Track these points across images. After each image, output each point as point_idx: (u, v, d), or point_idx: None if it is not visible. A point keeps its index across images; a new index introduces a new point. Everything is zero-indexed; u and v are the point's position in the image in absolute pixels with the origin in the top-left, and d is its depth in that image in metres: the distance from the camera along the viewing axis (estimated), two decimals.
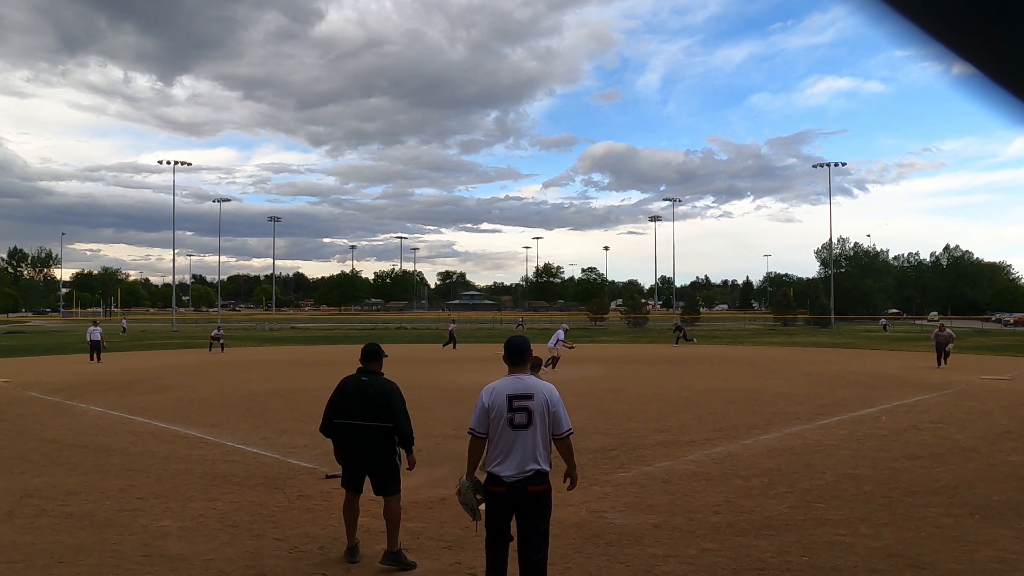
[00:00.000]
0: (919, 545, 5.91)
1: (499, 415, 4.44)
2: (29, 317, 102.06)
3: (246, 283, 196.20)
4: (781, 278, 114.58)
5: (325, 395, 6.15)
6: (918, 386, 17.59)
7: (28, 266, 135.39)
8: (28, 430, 11.83)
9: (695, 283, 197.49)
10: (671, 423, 12.16)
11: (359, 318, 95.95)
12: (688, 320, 72.70)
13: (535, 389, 4.51)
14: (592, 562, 5.57)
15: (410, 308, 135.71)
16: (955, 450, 9.86)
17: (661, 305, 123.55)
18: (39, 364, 26.17)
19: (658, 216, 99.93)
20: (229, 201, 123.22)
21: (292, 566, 5.53)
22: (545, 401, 4.50)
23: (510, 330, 60.40)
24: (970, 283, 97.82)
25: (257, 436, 11.16)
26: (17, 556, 5.72)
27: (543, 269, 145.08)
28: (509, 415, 4.42)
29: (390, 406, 5.66)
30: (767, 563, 5.52)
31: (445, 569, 5.45)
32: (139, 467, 8.92)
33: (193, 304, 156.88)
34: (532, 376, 4.71)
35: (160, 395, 16.35)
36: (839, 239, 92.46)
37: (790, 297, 77.81)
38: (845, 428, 11.62)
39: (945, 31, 0.82)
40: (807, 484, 7.96)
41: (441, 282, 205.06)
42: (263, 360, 27.64)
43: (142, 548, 5.91)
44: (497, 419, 4.45)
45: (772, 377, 20.30)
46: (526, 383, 4.53)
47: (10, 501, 7.36)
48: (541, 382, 4.66)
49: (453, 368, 23.64)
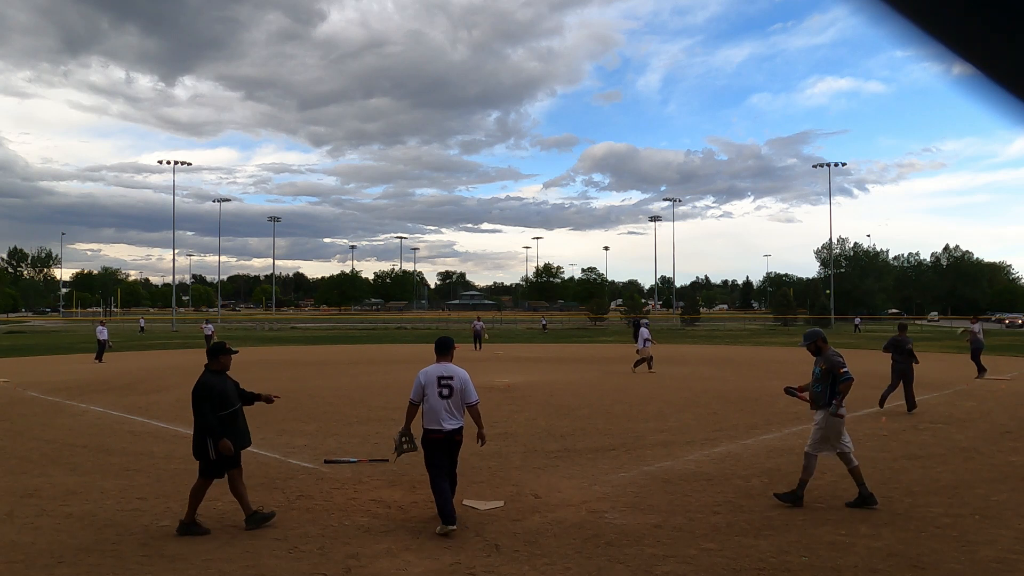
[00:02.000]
0: (919, 545, 5.91)
1: (432, 389, 6.37)
2: (29, 317, 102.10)
3: (246, 283, 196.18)
4: (781, 278, 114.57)
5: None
6: (918, 386, 17.56)
7: (28, 266, 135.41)
8: (28, 430, 11.82)
9: (695, 283, 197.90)
10: (671, 423, 12.16)
11: (359, 318, 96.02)
12: (688, 320, 72.68)
13: (455, 372, 6.51)
14: (592, 562, 5.57)
15: (410, 308, 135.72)
16: (955, 450, 9.86)
17: (661, 305, 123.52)
18: (39, 364, 26.16)
19: (658, 216, 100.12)
20: (229, 201, 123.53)
21: (292, 566, 5.52)
22: (461, 380, 6.48)
23: (510, 330, 60.42)
24: (970, 283, 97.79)
25: (257, 436, 11.09)
26: (17, 556, 5.72)
27: (543, 269, 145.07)
28: (438, 389, 6.37)
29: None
30: (767, 563, 5.52)
31: (445, 569, 5.45)
32: (139, 467, 8.92)
33: (193, 304, 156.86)
34: (452, 364, 6.62)
35: (160, 395, 16.35)
36: (839, 239, 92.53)
37: (790, 297, 77.81)
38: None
39: (945, 31, 0.82)
40: (807, 484, 7.94)
41: (441, 282, 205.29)
42: (263, 360, 27.63)
43: (142, 548, 5.91)
44: (431, 392, 6.37)
45: (772, 377, 20.30)
46: (449, 368, 6.52)
47: (10, 501, 7.36)
48: (458, 368, 6.59)
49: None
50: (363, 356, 29.99)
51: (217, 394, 6.43)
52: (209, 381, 6.50)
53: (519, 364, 24.81)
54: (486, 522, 6.62)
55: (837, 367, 7.34)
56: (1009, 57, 0.82)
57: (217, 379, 6.58)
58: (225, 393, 6.51)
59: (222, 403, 6.43)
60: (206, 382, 6.48)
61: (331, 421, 12.49)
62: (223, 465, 6.37)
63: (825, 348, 7.67)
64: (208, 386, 6.43)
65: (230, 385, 6.69)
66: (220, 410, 6.39)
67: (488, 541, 6.07)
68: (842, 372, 7.29)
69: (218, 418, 6.35)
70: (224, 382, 6.62)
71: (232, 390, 6.67)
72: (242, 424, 6.64)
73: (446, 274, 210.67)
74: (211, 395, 6.39)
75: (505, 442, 10.59)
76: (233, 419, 6.50)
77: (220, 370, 6.68)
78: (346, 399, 15.08)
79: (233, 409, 6.53)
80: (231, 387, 6.69)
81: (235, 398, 6.63)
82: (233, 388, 6.72)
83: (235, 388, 6.76)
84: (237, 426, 6.54)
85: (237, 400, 6.66)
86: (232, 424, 6.46)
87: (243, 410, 6.71)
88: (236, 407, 6.59)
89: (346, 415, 13.17)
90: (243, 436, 6.64)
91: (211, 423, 6.29)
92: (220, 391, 6.47)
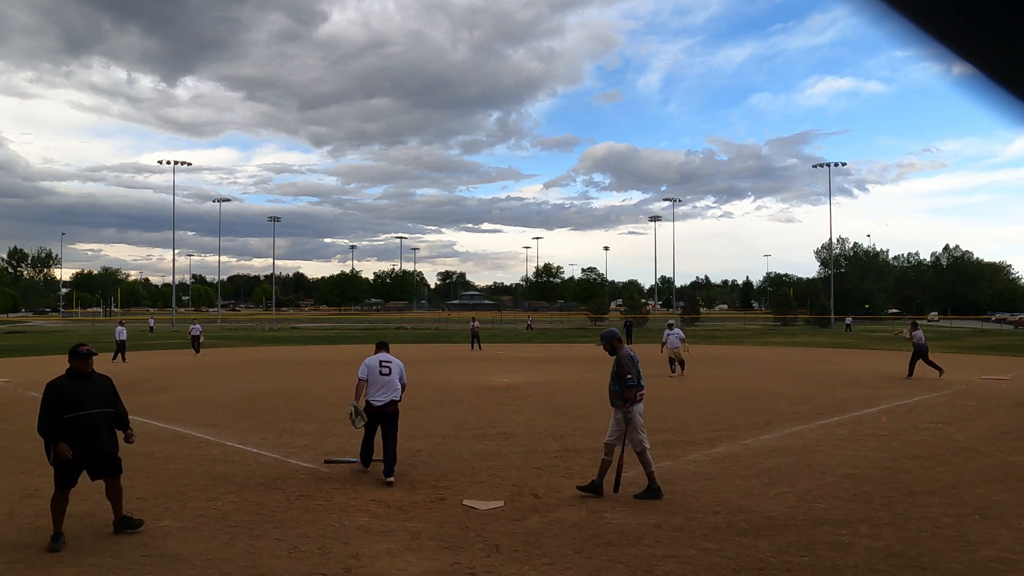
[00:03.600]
0: (919, 545, 5.91)
1: (375, 371, 8.51)
2: (29, 317, 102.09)
3: (246, 283, 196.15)
4: (781, 278, 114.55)
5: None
6: (918, 386, 17.59)
7: (28, 266, 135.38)
8: (28, 430, 11.77)
9: (695, 283, 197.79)
10: (671, 423, 12.16)
11: (359, 318, 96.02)
12: (688, 320, 72.68)
13: (392, 360, 8.73)
14: (592, 562, 5.57)
15: (410, 308, 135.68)
16: (955, 450, 9.86)
17: (661, 305, 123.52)
18: (39, 364, 26.15)
19: (658, 216, 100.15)
20: (229, 201, 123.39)
21: (292, 566, 5.52)
22: (398, 366, 8.71)
23: (511, 330, 60.40)
24: (970, 283, 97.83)
25: (257, 436, 11.16)
26: (17, 556, 5.72)
27: (543, 269, 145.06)
28: (380, 369, 8.52)
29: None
30: (767, 563, 5.51)
31: (445, 569, 5.45)
32: (139, 467, 8.91)
33: (193, 304, 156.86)
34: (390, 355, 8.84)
35: (160, 395, 16.35)
36: (839, 239, 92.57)
37: (790, 297, 77.80)
38: (845, 428, 11.62)
39: (945, 31, 0.82)
40: (807, 484, 7.96)
41: (441, 282, 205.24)
42: (263, 360, 27.63)
43: (142, 548, 5.91)
44: (374, 373, 8.51)
45: (772, 377, 20.30)
46: (387, 357, 8.73)
47: (10, 501, 7.37)
48: (394, 357, 8.83)
49: (453, 368, 23.65)
50: (363, 356, 29.90)
51: (60, 395, 6.06)
52: (57, 382, 6.19)
53: (519, 364, 24.80)
54: (486, 522, 6.62)
55: (623, 372, 7.35)
56: (1009, 57, 0.82)
57: (71, 381, 6.19)
58: (75, 396, 6.09)
59: (68, 405, 6.03)
60: (53, 383, 6.18)
61: (331, 421, 12.48)
62: (67, 472, 6.00)
63: (619, 348, 7.68)
64: (52, 386, 6.13)
65: (95, 389, 6.28)
66: (65, 412, 6.01)
67: (488, 541, 6.07)
68: (627, 378, 7.33)
69: (62, 420, 5.98)
70: (78, 385, 6.18)
71: (90, 395, 6.19)
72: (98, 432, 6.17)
73: (446, 274, 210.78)
74: (52, 395, 6.06)
75: (505, 442, 10.59)
76: (81, 424, 6.05)
77: (79, 372, 6.27)
78: (346, 399, 15.00)
79: (82, 413, 6.07)
80: (95, 391, 6.27)
81: (90, 402, 6.16)
82: (97, 392, 6.28)
83: (101, 393, 6.33)
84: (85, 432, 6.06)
85: (94, 405, 6.18)
86: (76, 429, 6.01)
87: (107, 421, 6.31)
88: (88, 412, 6.11)
89: (346, 415, 13.16)
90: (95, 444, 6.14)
91: (47, 424, 5.98)
92: (65, 393, 6.09)
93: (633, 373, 7.40)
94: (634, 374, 7.40)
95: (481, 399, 15.49)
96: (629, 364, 7.45)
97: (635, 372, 7.43)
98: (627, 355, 7.57)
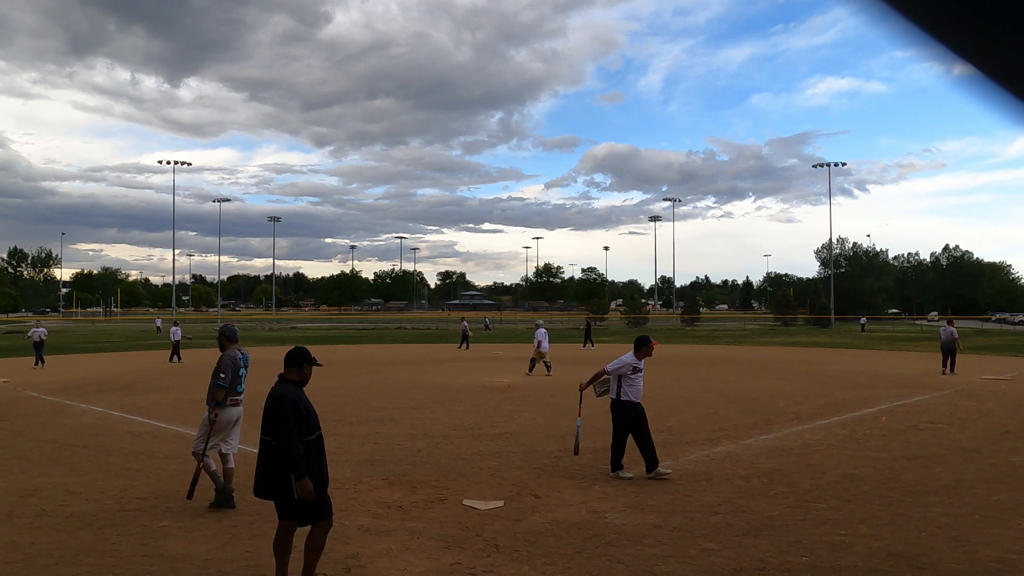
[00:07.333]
0: (919, 545, 5.91)
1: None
2: (29, 317, 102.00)
3: (246, 283, 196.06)
4: (781, 278, 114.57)
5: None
6: (918, 386, 17.59)
7: (28, 266, 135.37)
8: (28, 430, 11.82)
9: (695, 283, 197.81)
10: (671, 423, 12.16)
11: (359, 318, 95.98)
12: (689, 320, 72.68)
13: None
14: (592, 562, 5.57)
15: (410, 308, 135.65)
16: (955, 450, 9.86)
17: (661, 305, 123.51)
18: None
19: (659, 216, 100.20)
20: (230, 201, 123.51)
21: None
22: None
23: (511, 329, 60.37)
24: (970, 283, 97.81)
25: (257, 436, 11.14)
26: (17, 556, 5.72)
27: (543, 269, 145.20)
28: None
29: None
30: (767, 563, 5.51)
31: (445, 569, 5.45)
32: (139, 467, 8.91)
33: (193, 304, 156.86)
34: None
35: (160, 395, 16.35)
36: (839, 239, 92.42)
37: (790, 297, 77.78)
38: (845, 428, 11.62)
39: (945, 31, 0.82)
40: (807, 484, 7.96)
41: (441, 282, 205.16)
42: (262, 360, 27.58)
43: (142, 548, 5.91)
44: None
45: (772, 377, 20.30)
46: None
47: (10, 501, 7.36)
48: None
49: (453, 368, 23.65)
50: (363, 356, 29.97)
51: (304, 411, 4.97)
52: (293, 393, 4.99)
53: (519, 364, 24.78)
54: (486, 522, 6.62)
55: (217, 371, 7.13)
56: (1009, 57, 0.82)
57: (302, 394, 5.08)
58: (311, 414, 5.06)
59: (309, 427, 4.99)
60: (288, 393, 4.95)
61: (331, 421, 12.47)
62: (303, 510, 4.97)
63: (229, 346, 7.43)
64: (290, 399, 4.92)
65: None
66: (304, 435, 4.92)
67: (488, 541, 6.07)
68: (220, 377, 7.11)
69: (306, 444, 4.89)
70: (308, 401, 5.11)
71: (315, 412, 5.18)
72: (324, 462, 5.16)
73: (446, 274, 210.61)
74: (294, 409, 4.90)
75: (505, 442, 10.59)
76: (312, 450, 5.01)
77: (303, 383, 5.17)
78: (346, 399, 15.05)
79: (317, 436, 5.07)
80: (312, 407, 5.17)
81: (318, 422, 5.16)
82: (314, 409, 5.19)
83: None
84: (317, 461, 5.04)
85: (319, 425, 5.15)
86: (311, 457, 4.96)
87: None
88: (320, 433, 5.12)
89: (346, 415, 13.15)
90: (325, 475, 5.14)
91: (297, 448, 4.83)
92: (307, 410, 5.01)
93: (227, 374, 7.11)
94: (228, 375, 7.11)
95: (481, 399, 15.48)
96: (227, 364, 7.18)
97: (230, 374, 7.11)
98: (232, 355, 7.30)
